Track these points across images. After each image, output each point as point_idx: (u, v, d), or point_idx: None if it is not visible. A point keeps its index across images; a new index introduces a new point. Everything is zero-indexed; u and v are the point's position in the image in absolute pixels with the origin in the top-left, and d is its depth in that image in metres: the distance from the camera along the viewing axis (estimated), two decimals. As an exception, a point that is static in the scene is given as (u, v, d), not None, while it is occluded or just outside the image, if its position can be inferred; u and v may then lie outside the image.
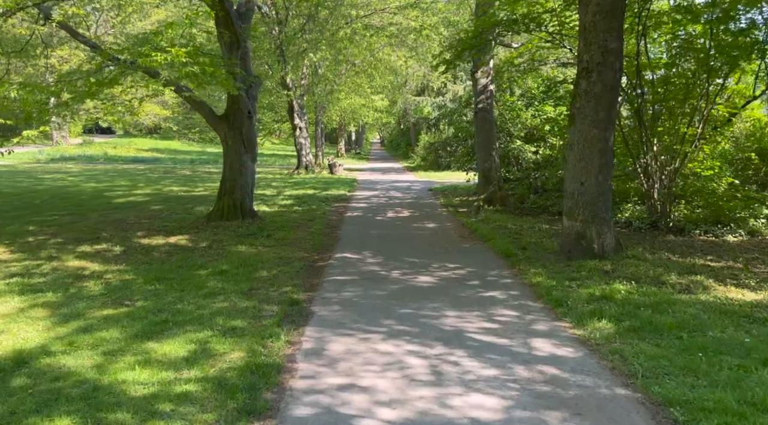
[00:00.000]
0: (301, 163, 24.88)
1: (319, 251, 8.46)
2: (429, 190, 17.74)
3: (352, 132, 59.79)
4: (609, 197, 7.07)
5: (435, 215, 12.27)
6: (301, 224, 10.94)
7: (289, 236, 9.59)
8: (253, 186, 11.47)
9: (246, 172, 11.10)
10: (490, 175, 12.58)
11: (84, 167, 27.84)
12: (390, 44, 23.76)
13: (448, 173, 25.43)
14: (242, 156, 11.07)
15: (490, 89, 12.55)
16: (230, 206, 10.95)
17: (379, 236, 9.62)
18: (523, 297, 5.67)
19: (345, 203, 14.55)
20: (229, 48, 10.88)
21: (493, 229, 9.84)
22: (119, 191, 16.89)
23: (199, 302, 5.69)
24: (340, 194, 16.65)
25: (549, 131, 13.46)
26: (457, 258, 7.63)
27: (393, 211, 12.99)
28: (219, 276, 6.85)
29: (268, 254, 8.14)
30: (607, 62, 6.69)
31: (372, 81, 29.18)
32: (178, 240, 9.26)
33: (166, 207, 13.35)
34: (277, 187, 18.53)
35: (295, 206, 13.74)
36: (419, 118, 37.89)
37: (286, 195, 16.01)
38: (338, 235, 9.84)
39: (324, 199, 15.17)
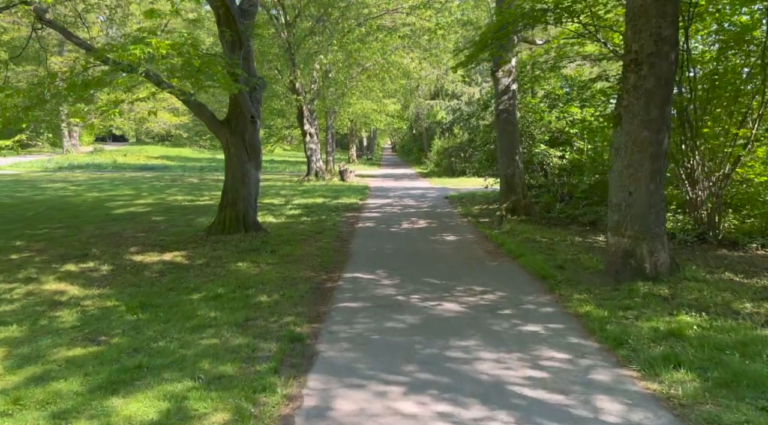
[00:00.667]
0: (311, 170, 24.08)
1: (327, 270, 7.57)
2: (445, 198, 16.80)
3: (364, 138, 59.06)
4: (662, 209, 6.09)
5: (454, 226, 11.32)
6: (309, 238, 10.07)
7: (295, 252, 8.72)
8: (257, 196, 10.62)
9: (249, 181, 10.27)
10: (514, 182, 11.62)
11: (90, 176, 27.32)
12: (403, 46, 22.95)
13: (464, 180, 24.47)
14: (245, 164, 10.25)
15: (512, 90, 11.61)
16: (232, 218, 10.11)
17: (394, 252, 8.71)
18: (571, 332, 4.71)
19: (356, 213, 13.67)
20: (231, 47, 10.08)
21: (521, 243, 8.87)
22: (121, 200, 16.17)
23: (185, 337, 4.81)
24: (351, 202, 15.78)
25: (576, 134, 12.48)
26: (484, 279, 6.68)
27: (408, 221, 12.08)
28: (213, 302, 5.98)
29: (270, 274, 7.26)
30: (660, 52, 5.73)
31: (384, 85, 28.36)
32: (173, 257, 8.43)
33: (166, 219, 12.56)
34: (285, 195, 17.71)
35: (303, 216, 12.89)
36: (432, 123, 37.01)
37: (294, 204, 15.18)
38: (349, 250, 8.94)
39: (334, 208, 14.30)
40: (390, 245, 9.26)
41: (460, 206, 14.23)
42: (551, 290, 6.00)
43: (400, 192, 19.24)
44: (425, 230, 10.90)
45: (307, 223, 11.85)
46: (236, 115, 10.29)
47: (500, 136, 11.84)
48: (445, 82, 26.04)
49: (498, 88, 11.67)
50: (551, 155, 12.64)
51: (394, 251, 8.74)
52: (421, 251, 8.67)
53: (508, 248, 8.24)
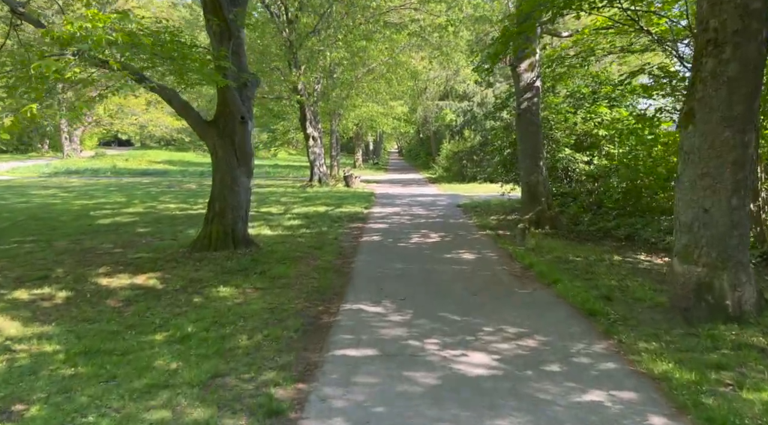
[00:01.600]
0: (315, 175, 22.90)
1: (324, 298, 6.34)
2: (457, 206, 15.53)
3: (370, 142, 57.94)
4: (747, 231, 4.81)
5: (470, 240, 10.05)
6: (307, 255, 8.84)
7: (289, 273, 7.49)
8: (248, 207, 9.42)
9: (239, 190, 9.07)
10: (537, 190, 10.34)
11: (86, 182, 26.29)
12: (411, 45, 21.78)
13: (475, 186, 23.20)
14: (234, 170, 9.05)
15: (536, 87, 10.34)
16: (219, 232, 8.91)
17: (403, 273, 7.45)
18: (650, 406, 3.43)
19: (361, 224, 12.44)
20: (219, 39, 8.91)
21: (552, 263, 7.60)
22: (108, 209, 15.04)
23: (126, 408, 3.59)
24: (355, 211, 14.56)
25: (605, 136, 11.19)
26: (517, 315, 5.41)
27: (418, 234, 10.83)
28: (179, 345, 4.77)
29: (255, 304, 6.04)
30: (748, 30, 4.47)
31: (390, 87, 27.20)
32: (146, 280, 7.22)
33: (152, 230, 11.39)
34: (285, 203, 16.51)
35: (302, 227, 11.67)
36: (440, 126, 35.81)
37: (294, 214, 13.97)
38: (351, 271, 7.70)
39: (337, 218, 13.08)
40: (398, 265, 8.01)
41: (476, 217, 12.95)
42: (606, 334, 4.71)
43: (408, 200, 17.99)
44: (438, 245, 9.64)
45: (306, 236, 10.63)
46: (225, 115, 9.10)
47: (522, 138, 10.57)
48: (455, 82, 24.80)
49: (519, 85, 10.41)
50: (577, 160, 11.36)
51: (403, 273, 7.49)
52: (435, 273, 7.41)
53: (539, 271, 6.96)
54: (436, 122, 37.44)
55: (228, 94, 8.90)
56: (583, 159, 11.24)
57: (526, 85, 10.32)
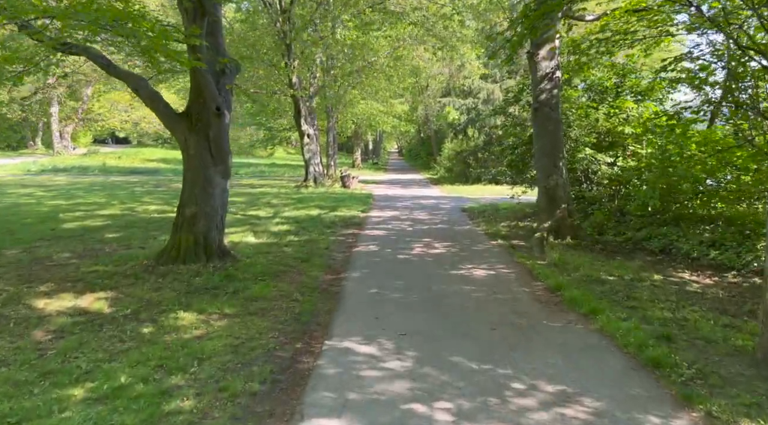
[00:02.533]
0: (310, 175, 21.64)
1: (305, 330, 5.09)
2: (462, 210, 14.27)
3: (369, 141, 56.72)
4: None
5: (481, 251, 8.80)
6: (291, 269, 7.59)
7: (267, 293, 6.24)
8: (225, 212, 8.15)
9: (213, 192, 7.82)
10: (556, 195, 9.08)
11: (71, 180, 25.03)
12: (412, 39, 20.53)
13: (480, 187, 21.95)
14: (208, 170, 7.79)
15: (555, 77, 9.09)
16: (189, 242, 7.65)
17: (404, 296, 6.20)
18: None
19: (356, 230, 11.18)
20: (192, 17, 7.64)
21: (582, 283, 6.35)
22: (82, 211, 13.77)
23: None
24: (351, 215, 13.30)
25: (631, 134, 9.93)
26: (553, 362, 4.15)
27: (420, 243, 9.57)
28: (99, 407, 3.53)
29: (219, 338, 4.80)
30: None
31: (391, 84, 25.94)
32: (93, 301, 5.97)
33: (121, 236, 10.12)
34: (275, 205, 15.25)
35: (290, 234, 10.41)
36: (442, 124, 34.59)
37: (283, 218, 12.71)
38: (341, 292, 6.45)
39: (330, 223, 11.82)
40: (398, 284, 6.75)
41: (484, 223, 11.69)
42: (686, 401, 3.43)
43: (409, 202, 16.73)
44: (444, 257, 8.39)
45: (294, 245, 9.37)
46: (198, 106, 7.85)
47: (538, 135, 9.31)
48: (458, 78, 23.50)
49: (537, 75, 9.15)
50: (599, 161, 10.10)
51: (404, 295, 6.23)
52: (443, 297, 6.15)
53: (570, 297, 5.69)
54: (437, 120, 36.20)
55: (201, 80, 7.65)
56: (605, 160, 9.98)
57: (545, 75, 9.06)
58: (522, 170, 11.85)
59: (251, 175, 31.99)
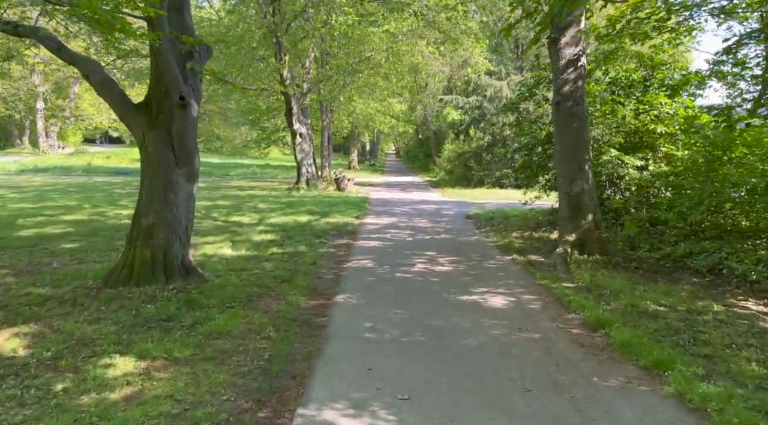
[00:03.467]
0: (302, 177, 20.33)
1: (273, 387, 3.80)
2: (467, 217, 12.97)
3: (366, 142, 55.47)
4: None
5: (494, 269, 7.51)
6: (268, 291, 6.29)
7: (232, 327, 4.96)
8: (191, 222, 6.83)
9: (176, 199, 6.51)
10: (581, 203, 7.80)
11: (50, 181, 23.69)
12: (413, 32, 19.26)
13: (483, 191, 20.67)
14: (170, 172, 6.49)
15: (581, 65, 7.81)
16: (146, 259, 6.34)
17: (406, 334, 4.90)
18: None
19: (350, 240, 9.89)
20: (151, -11, 6.35)
21: (627, 316, 5.08)
22: (46, 215, 12.43)
23: None
24: (344, 222, 12.01)
25: (664, 134, 8.68)
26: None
27: (423, 258, 8.28)
28: None
29: (151, 404, 3.51)
30: None
31: (389, 82, 24.66)
32: (8, 338, 4.68)
33: (80, 247, 8.81)
34: (262, 210, 13.94)
35: (274, 245, 9.11)
36: (442, 125, 33.36)
37: (269, 225, 11.40)
38: (326, 325, 5.15)
39: (320, 232, 10.52)
40: (397, 315, 5.46)
41: (493, 232, 10.39)
42: None
43: (408, 207, 15.44)
44: (451, 277, 7.09)
45: (277, 258, 8.08)
46: (159, 95, 6.55)
47: (560, 134, 8.03)
48: (461, 75, 22.17)
49: (559, 64, 7.88)
50: (626, 164, 8.84)
51: (406, 332, 4.93)
52: (455, 336, 4.85)
53: (621, 341, 4.38)
54: (437, 121, 34.95)
55: (162, 63, 6.35)
56: (634, 163, 8.71)
57: (568, 64, 7.79)
58: (536, 173, 10.56)
59: (242, 176, 30.67)
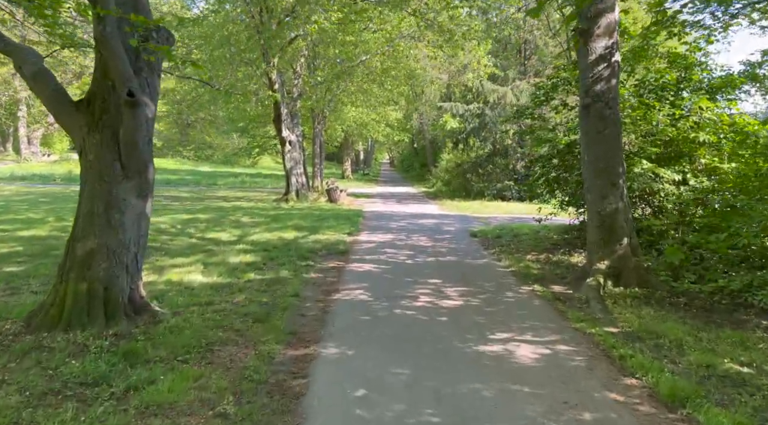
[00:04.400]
0: (291, 187, 19.05)
1: None
2: (472, 235, 11.70)
3: (360, 151, 54.33)
4: None
5: (513, 304, 6.24)
6: (236, 336, 4.99)
7: (178, 397, 3.66)
8: (143, 248, 5.53)
9: (123, 219, 5.21)
10: (615, 223, 6.56)
11: (24, 189, 22.32)
12: (410, 35, 18.14)
13: (484, 204, 19.45)
14: (115, 186, 5.21)
15: (614, 61, 6.62)
16: (80, 294, 5.02)
17: (414, 410, 3.61)
18: None
19: (341, 262, 8.61)
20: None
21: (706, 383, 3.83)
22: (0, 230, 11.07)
23: None
24: (335, 239, 10.73)
25: (704, 143, 7.48)
26: None
27: (426, 287, 7.00)
28: None
29: None
30: None
31: (384, 90, 23.50)
32: None
33: (22, 271, 7.47)
34: (245, 225, 12.63)
35: (252, 269, 7.82)
36: (438, 133, 32.25)
37: (249, 243, 10.10)
38: (305, 392, 3.85)
39: (307, 252, 9.23)
40: (398, 376, 4.16)
41: (504, 254, 9.13)
42: None
43: (406, 222, 14.17)
44: (463, 316, 5.81)
45: (253, 288, 6.78)
46: (104, 91, 5.29)
47: (590, 143, 6.81)
48: (461, 81, 21.00)
49: (588, 59, 6.67)
50: (661, 177, 7.63)
51: (410, 407, 3.64)
52: (478, 414, 3.56)
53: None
54: (434, 130, 33.85)
55: (107, 51, 5.07)
56: (670, 177, 7.51)
57: (600, 59, 6.59)
58: (553, 187, 9.32)
59: (230, 186, 29.34)
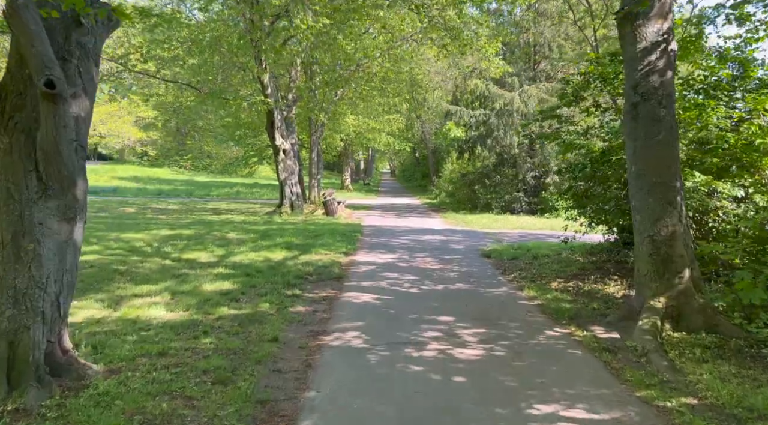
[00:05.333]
0: (285, 199, 17.77)
1: None
2: (483, 255, 10.38)
3: (361, 161, 53.15)
4: None
5: (547, 354, 4.92)
6: (183, 409, 3.67)
7: None
8: (70, 288, 4.22)
9: (40, 251, 3.93)
10: (673, 252, 5.26)
11: None
12: (412, 37, 16.97)
13: (492, 218, 18.14)
14: (28, 205, 3.93)
15: (671, 51, 5.37)
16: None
17: None
18: None
19: (333, 291, 7.29)
20: None
21: None
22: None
23: None
24: (329, 260, 9.43)
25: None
26: None
27: (436, 329, 5.68)
28: None
29: None
30: None
31: (384, 96, 22.33)
32: None
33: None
34: (229, 243, 11.32)
35: (227, 301, 6.52)
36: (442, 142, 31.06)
37: (231, 265, 8.80)
38: None
39: (295, 278, 7.92)
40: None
41: (525, 281, 7.79)
42: None
43: (409, 239, 12.87)
44: (487, 376, 4.48)
45: (223, 327, 5.48)
46: (18, 83, 4.03)
47: (638, 151, 5.53)
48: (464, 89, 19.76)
49: (636, 49, 5.42)
50: (720, 194, 6.34)
51: None
52: None
53: None
54: (436, 139, 32.69)
55: (20, 26, 3.82)
56: (730, 193, 6.23)
57: (652, 47, 5.33)
58: (581, 201, 8.02)
59: (224, 197, 28.11)
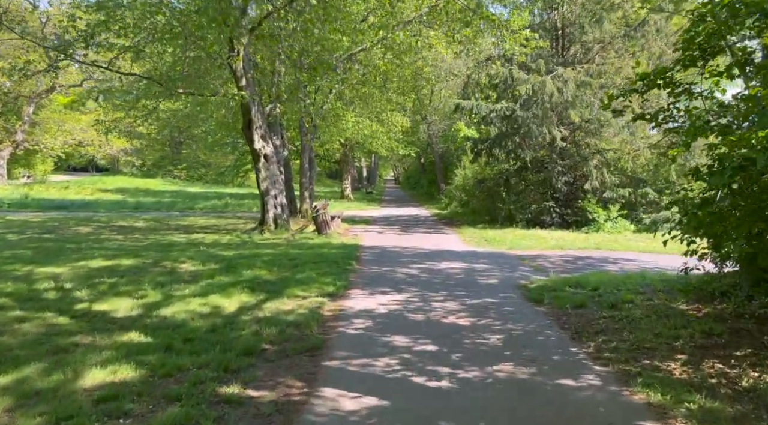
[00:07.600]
0: (268, 214, 14.72)
1: None
2: (531, 299, 7.23)
3: (363, 167, 50.19)
4: None
5: None
6: None
7: None
8: None
9: None
10: None
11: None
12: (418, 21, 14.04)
13: (519, 233, 14.98)
14: None
15: None
16: None
17: None
18: None
19: (299, 384, 4.21)
20: None
21: None
22: None
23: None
24: (307, 309, 6.37)
25: None
26: None
27: None
28: None
29: None
30: None
31: (386, 92, 19.45)
32: None
33: None
34: (176, 280, 8.20)
35: (102, 412, 3.43)
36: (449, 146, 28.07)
37: (152, 326, 5.73)
38: None
39: (246, 349, 4.84)
40: None
41: (621, 363, 4.69)
42: None
43: (419, 267, 9.76)
44: None
45: None
46: None
47: None
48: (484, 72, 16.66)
49: None
50: None
51: None
52: None
53: None
54: (444, 142, 29.69)
55: None
56: None
57: None
58: (722, 222, 4.91)
59: (209, 210, 25.10)
